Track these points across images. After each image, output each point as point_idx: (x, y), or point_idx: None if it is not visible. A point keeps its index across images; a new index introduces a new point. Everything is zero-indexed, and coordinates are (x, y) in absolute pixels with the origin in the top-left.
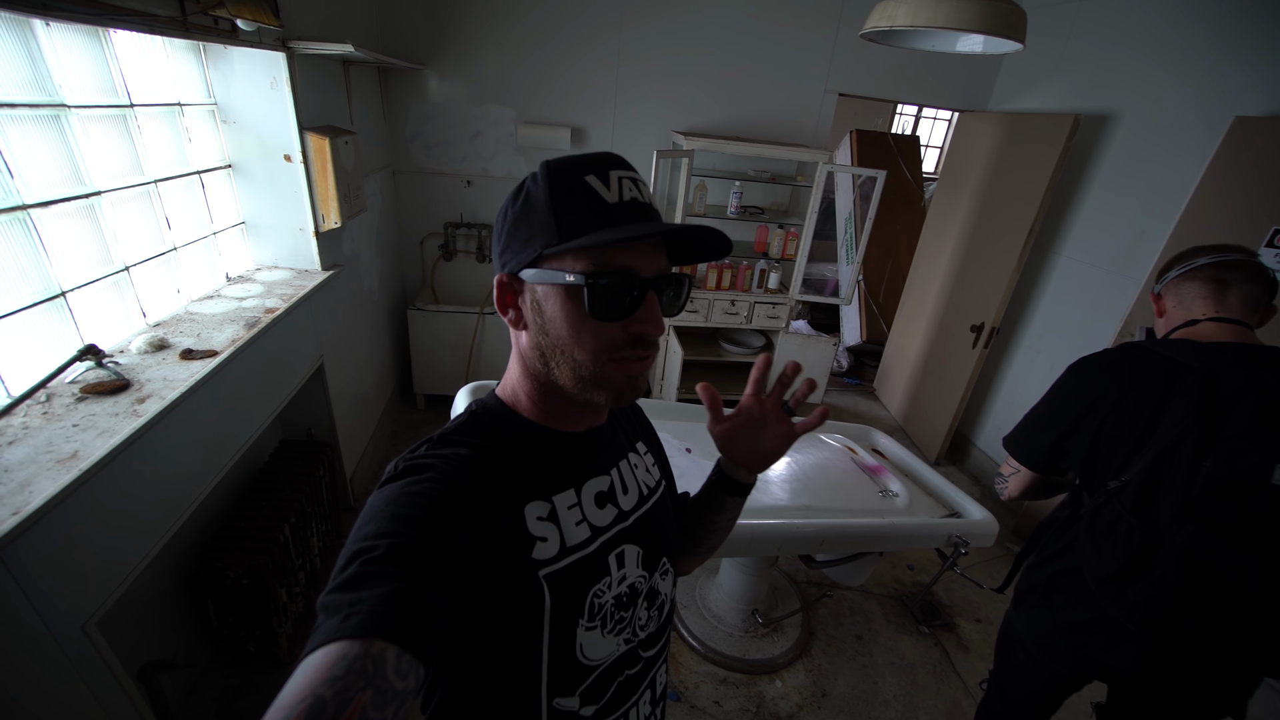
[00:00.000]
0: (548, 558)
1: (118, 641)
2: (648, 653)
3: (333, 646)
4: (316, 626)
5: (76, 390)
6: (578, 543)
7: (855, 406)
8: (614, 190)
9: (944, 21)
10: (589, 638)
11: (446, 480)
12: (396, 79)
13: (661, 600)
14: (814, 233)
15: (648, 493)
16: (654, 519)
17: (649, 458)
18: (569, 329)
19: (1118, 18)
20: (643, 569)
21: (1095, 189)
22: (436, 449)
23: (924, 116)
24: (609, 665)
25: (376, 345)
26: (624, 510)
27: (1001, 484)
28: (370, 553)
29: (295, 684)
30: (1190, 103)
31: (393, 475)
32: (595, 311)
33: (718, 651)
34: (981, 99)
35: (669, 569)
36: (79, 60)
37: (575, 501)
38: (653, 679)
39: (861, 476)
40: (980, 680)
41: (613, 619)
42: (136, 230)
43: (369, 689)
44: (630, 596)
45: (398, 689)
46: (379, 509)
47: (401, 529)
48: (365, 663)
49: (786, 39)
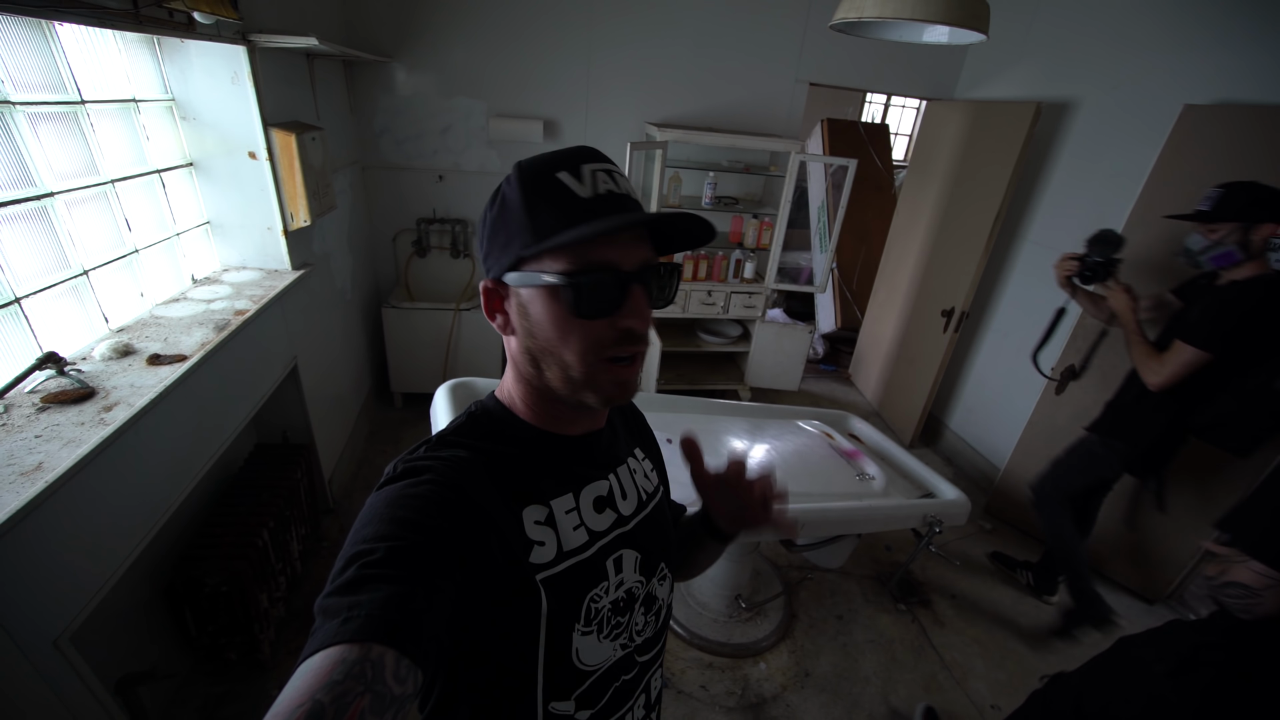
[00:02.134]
0: (545, 562)
1: (94, 654)
2: (643, 657)
3: (331, 651)
4: (314, 630)
5: (37, 400)
6: (575, 547)
7: (832, 392)
8: (587, 184)
9: (910, 13)
10: (585, 643)
11: (445, 483)
12: (363, 72)
13: (659, 606)
14: (788, 222)
15: (646, 498)
16: (653, 524)
17: (647, 463)
18: (555, 330)
19: (1077, 8)
20: (640, 574)
21: (1058, 174)
22: (436, 451)
23: (893, 105)
24: (605, 670)
25: (351, 345)
26: (623, 515)
27: (1243, 598)
28: (369, 556)
29: (293, 688)
30: (1144, 91)
31: (392, 477)
32: (580, 310)
33: (703, 637)
34: (948, 87)
35: (667, 574)
36: (23, 54)
37: (573, 506)
38: (648, 683)
39: (839, 461)
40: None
41: (609, 624)
42: (95, 232)
43: (367, 694)
44: (627, 601)
45: (396, 694)
46: (378, 511)
47: (400, 532)
48: (364, 667)
49: (757, 29)
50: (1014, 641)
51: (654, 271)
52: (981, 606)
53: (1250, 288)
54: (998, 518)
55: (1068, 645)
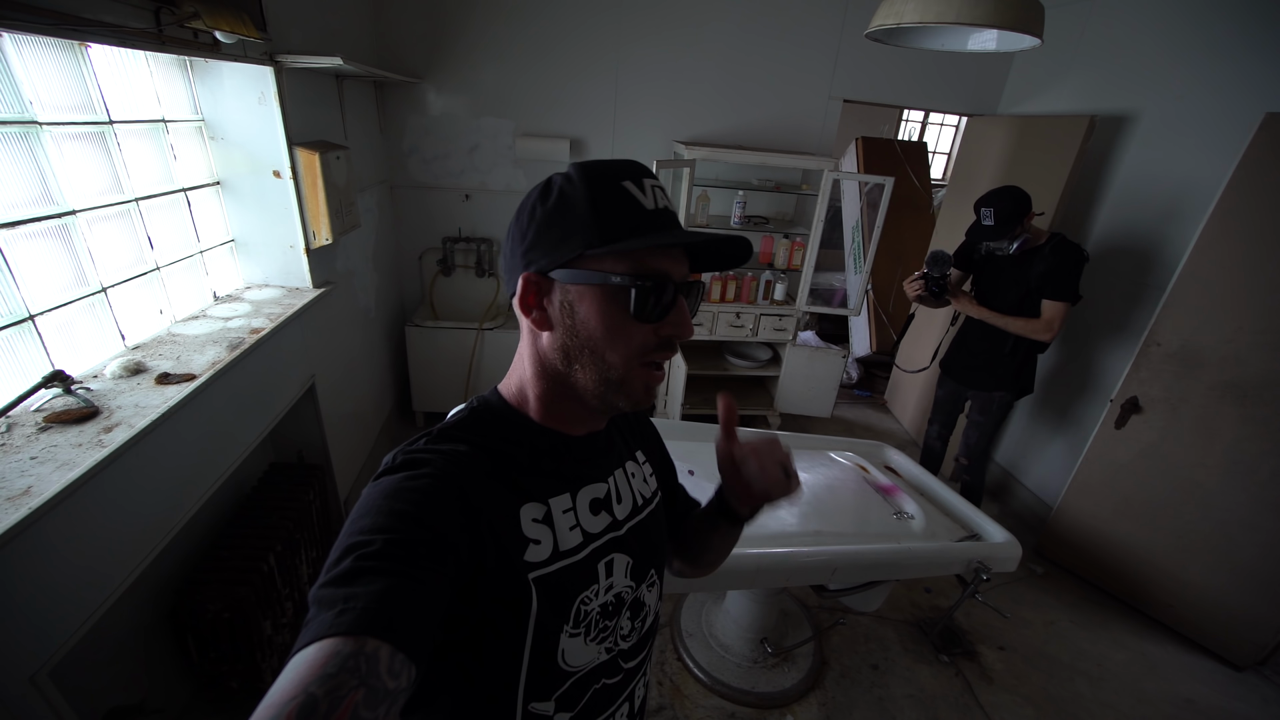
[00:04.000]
0: (539, 560)
1: (83, 684)
2: (629, 664)
3: (326, 643)
4: (308, 620)
5: (40, 419)
6: (570, 548)
7: (866, 419)
8: (649, 197)
9: (955, 16)
10: (572, 644)
11: (444, 477)
12: (393, 93)
13: (645, 612)
14: (821, 242)
15: (642, 503)
16: (646, 530)
17: (647, 467)
18: (604, 330)
19: (1130, 17)
20: (630, 579)
21: (1114, 193)
22: (436, 444)
23: (931, 122)
24: (587, 672)
25: (373, 363)
26: (617, 519)
27: None
28: (365, 547)
29: (287, 680)
30: (1216, 100)
31: (390, 468)
32: (640, 313)
33: (725, 684)
34: (990, 102)
35: (656, 581)
36: (52, 76)
37: (570, 506)
38: (632, 691)
39: (874, 497)
40: None
41: (596, 627)
42: (115, 250)
43: (361, 688)
44: (616, 605)
45: (390, 688)
46: (375, 503)
47: (397, 524)
48: (358, 661)
49: (788, 46)
50: (1073, 705)
51: (692, 286)
52: (1035, 661)
53: (1061, 248)
54: (1050, 560)
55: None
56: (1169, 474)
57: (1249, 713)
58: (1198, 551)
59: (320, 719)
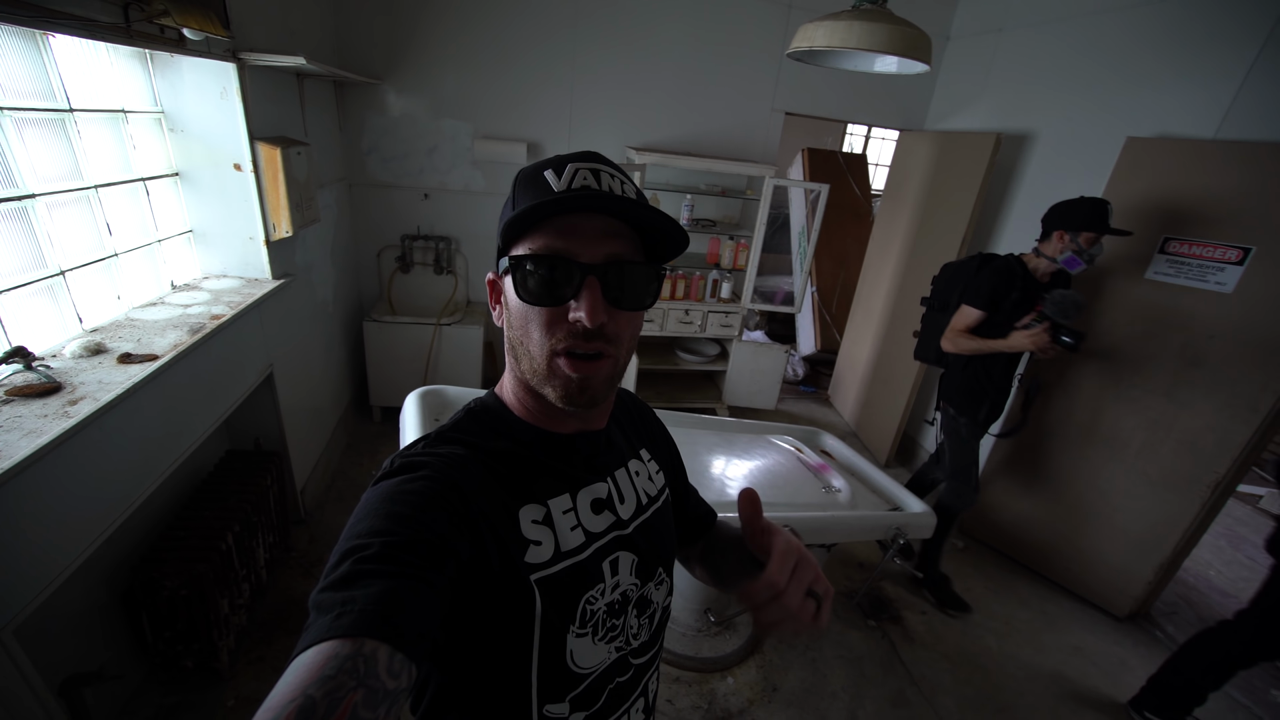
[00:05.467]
0: (541, 561)
1: (44, 655)
2: (639, 660)
3: (324, 646)
4: (308, 625)
5: (2, 393)
6: (572, 548)
7: (810, 413)
8: (565, 180)
9: (856, 43)
10: (580, 644)
11: (441, 479)
12: (353, 93)
13: (654, 609)
14: (770, 247)
15: (647, 501)
16: (653, 528)
17: (653, 465)
18: (518, 317)
19: (1033, 47)
20: (636, 577)
21: (1019, 202)
22: (433, 447)
23: (874, 136)
24: (600, 673)
25: (332, 357)
26: (621, 519)
27: None
28: (363, 551)
29: (286, 684)
30: (1093, 124)
31: (388, 472)
32: (523, 295)
33: (670, 651)
34: (919, 119)
35: (664, 579)
36: (13, 62)
37: (570, 506)
38: (644, 687)
39: (806, 474)
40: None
41: (604, 626)
42: (74, 235)
43: (360, 689)
44: (623, 604)
45: (389, 689)
46: (373, 506)
47: (395, 527)
48: (356, 662)
49: (734, 60)
50: (983, 659)
51: (619, 268)
52: (952, 623)
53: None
54: (970, 536)
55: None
56: (1064, 452)
57: (1124, 655)
58: (1087, 518)
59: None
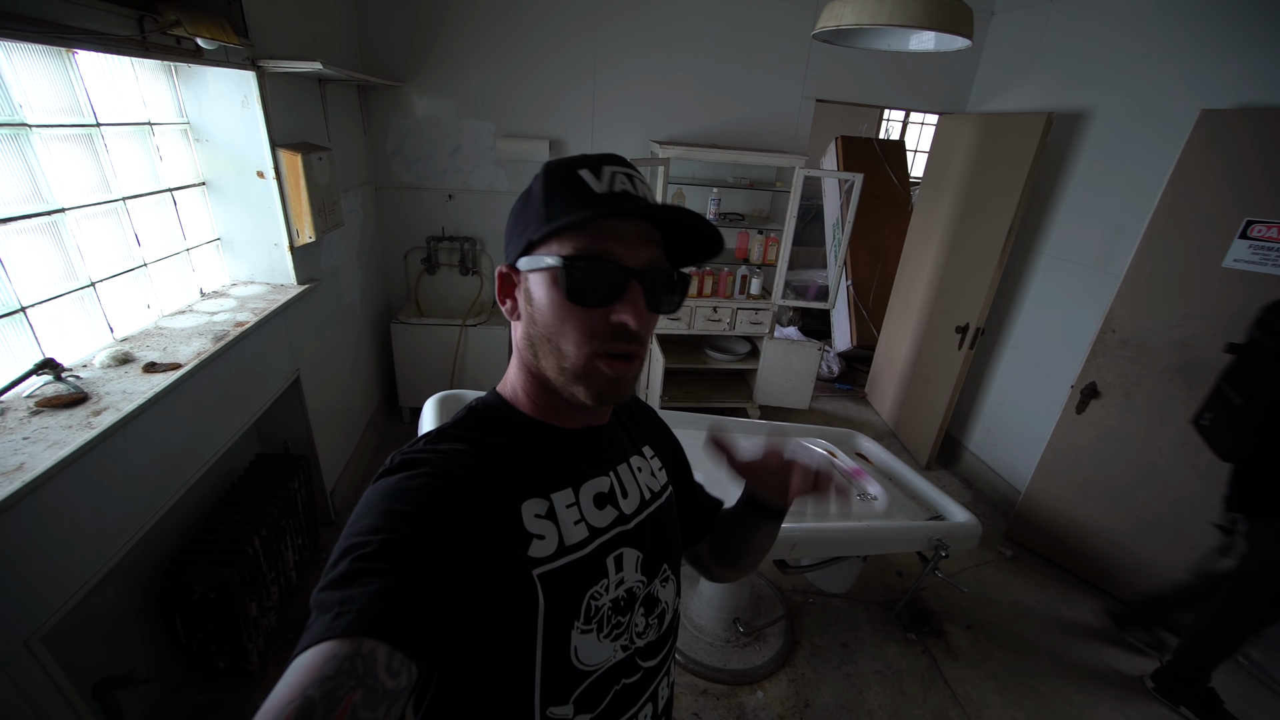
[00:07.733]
0: (544, 556)
1: (77, 658)
2: (647, 662)
3: (323, 646)
4: (308, 625)
5: (32, 404)
6: (575, 543)
7: (846, 412)
8: (604, 182)
9: (888, 18)
10: (584, 641)
11: (443, 475)
12: (376, 96)
13: (661, 609)
14: (802, 239)
15: (650, 497)
16: (656, 524)
17: (655, 461)
18: (554, 316)
19: (1087, 18)
20: (641, 574)
21: (1073, 186)
22: (434, 444)
23: (911, 121)
24: (604, 672)
25: (360, 359)
26: (625, 514)
27: None
28: (362, 549)
29: (285, 685)
30: (1160, 98)
31: (389, 469)
32: (572, 295)
33: (698, 662)
34: (960, 101)
35: (670, 576)
36: (41, 80)
37: (574, 501)
38: (655, 692)
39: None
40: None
41: (609, 623)
42: (104, 247)
43: (359, 689)
44: (628, 601)
45: (389, 688)
46: (373, 503)
47: (395, 525)
48: (355, 662)
49: (762, 47)
50: (1034, 679)
51: (658, 274)
52: (1000, 639)
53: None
54: (1019, 544)
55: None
56: (1126, 456)
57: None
58: (1153, 529)
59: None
